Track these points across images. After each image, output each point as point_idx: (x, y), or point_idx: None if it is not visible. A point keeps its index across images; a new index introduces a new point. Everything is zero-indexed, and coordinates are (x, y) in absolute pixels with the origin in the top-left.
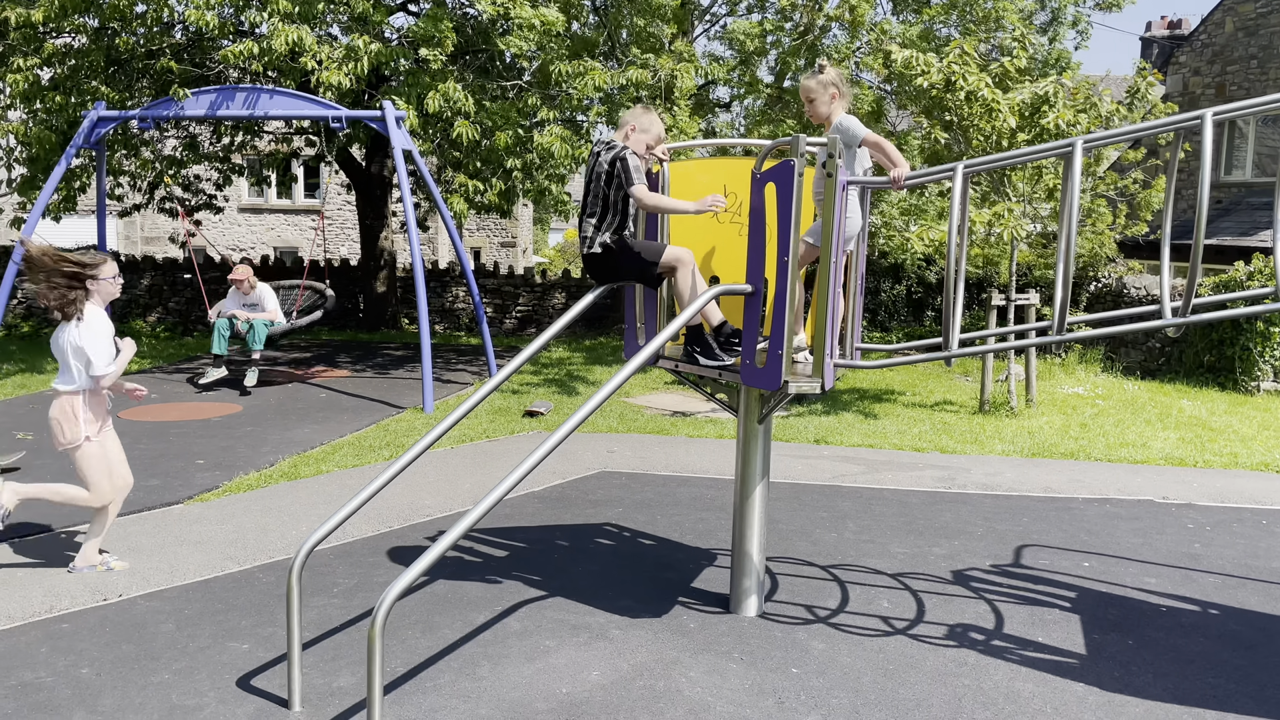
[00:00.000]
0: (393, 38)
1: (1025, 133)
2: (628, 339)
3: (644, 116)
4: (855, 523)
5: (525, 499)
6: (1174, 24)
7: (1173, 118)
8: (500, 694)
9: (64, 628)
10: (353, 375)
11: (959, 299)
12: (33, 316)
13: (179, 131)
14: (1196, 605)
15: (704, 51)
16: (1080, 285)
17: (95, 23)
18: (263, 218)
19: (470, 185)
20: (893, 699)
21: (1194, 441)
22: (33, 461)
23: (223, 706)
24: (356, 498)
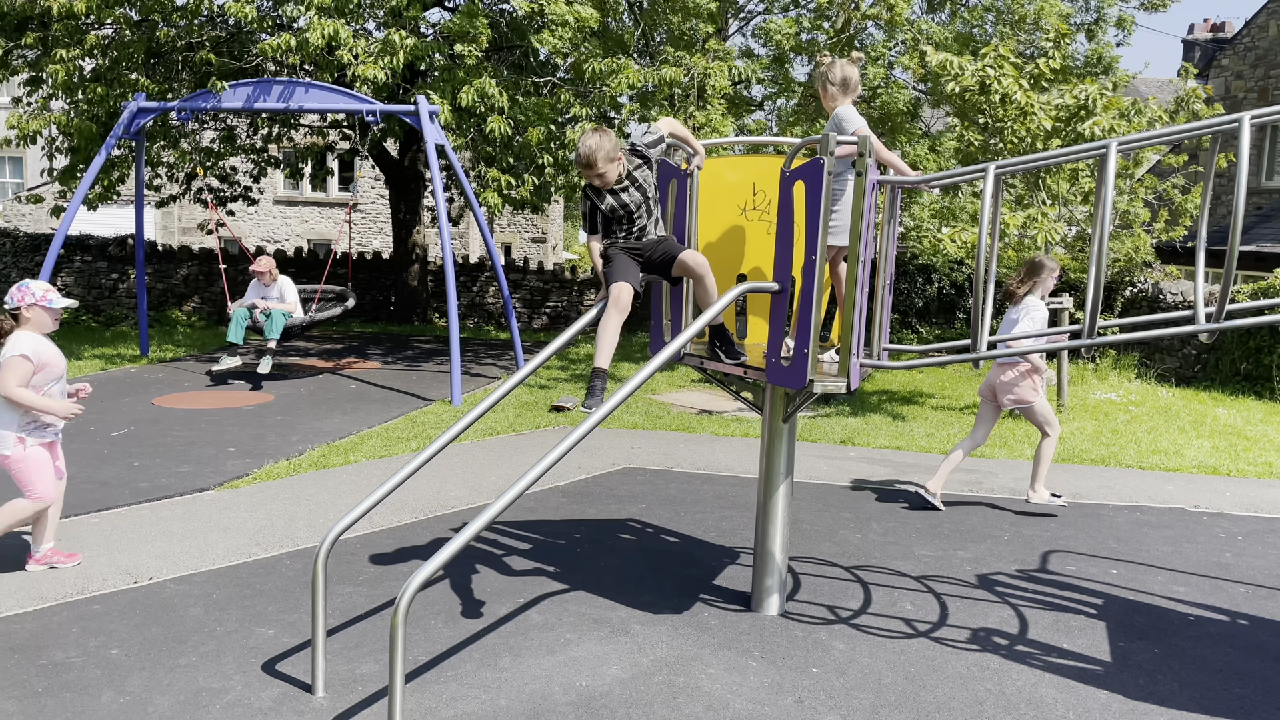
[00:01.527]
0: (428, 33)
1: (1062, 136)
2: (653, 336)
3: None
4: (880, 524)
5: (549, 493)
6: (1217, 26)
7: (1209, 120)
8: (520, 685)
9: (95, 609)
10: (382, 367)
11: (989, 300)
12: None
13: (216, 123)
14: (1226, 615)
15: (739, 48)
16: (1115, 290)
17: (136, 15)
18: (297, 210)
19: (503, 180)
20: (913, 701)
21: (1228, 450)
22: None
23: (248, 690)
24: (382, 488)
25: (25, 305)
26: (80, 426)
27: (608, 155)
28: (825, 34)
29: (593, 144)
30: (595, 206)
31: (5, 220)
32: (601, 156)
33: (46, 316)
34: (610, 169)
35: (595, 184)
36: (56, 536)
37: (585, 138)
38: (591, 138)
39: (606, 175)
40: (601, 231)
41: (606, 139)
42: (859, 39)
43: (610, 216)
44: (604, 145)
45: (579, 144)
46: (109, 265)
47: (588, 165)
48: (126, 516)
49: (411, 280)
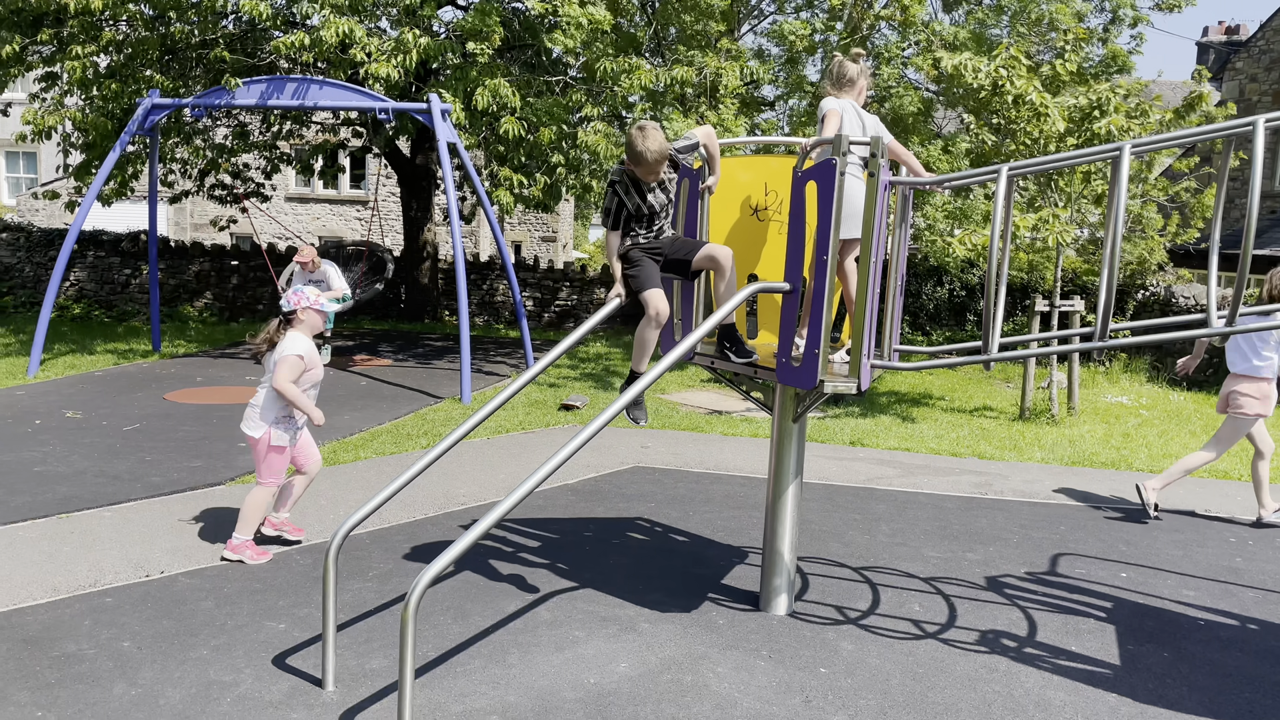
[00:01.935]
0: (441, 31)
1: (1075, 137)
2: (664, 335)
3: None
4: (889, 525)
5: (559, 491)
6: (1232, 29)
7: (1223, 124)
8: (529, 681)
9: (107, 601)
10: (393, 364)
11: (1000, 302)
12: (84, 299)
13: (229, 120)
14: (1236, 620)
15: (751, 48)
16: (1127, 293)
17: (151, 11)
18: (309, 207)
19: (514, 179)
20: (921, 702)
21: (1238, 454)
22: (78, 440)
23: (258, 683)
24: (393, 484)
25: (301, 308)
26: (93, 421)
27: (657, 157)
28: (838, 34)
29: (661, 140)
30: (623, 204)
31: (20, 215)
32: (664, 155)
33: (318, 319)
34: (659, 167)
35: (645, 180)
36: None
37: (653, 134)
38: (657, 135)
39: (651, 177)
40: (621, 229)
41: (658, 138)
42: (872, 39)
43: (635, 215)
44: (665, 144)
45: (646, 139)
46: (122, 261)
47: (655, 161)
48: (139, 510)
49: (422, 278)
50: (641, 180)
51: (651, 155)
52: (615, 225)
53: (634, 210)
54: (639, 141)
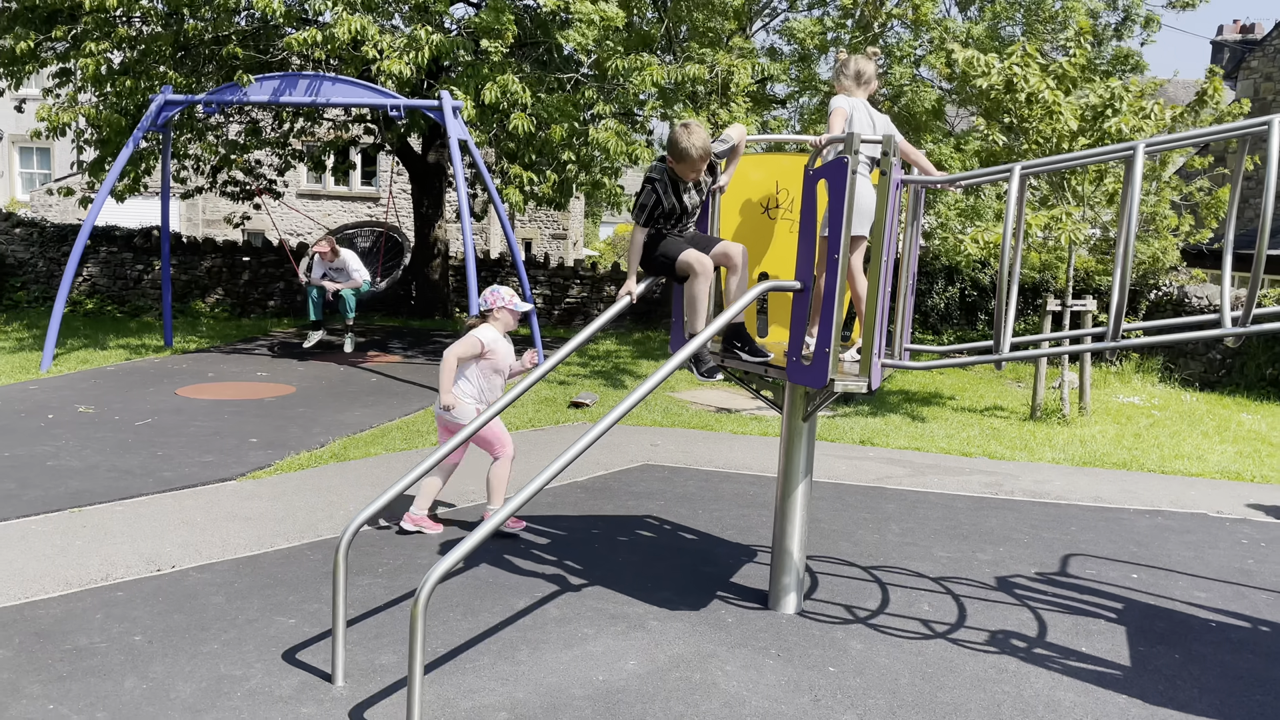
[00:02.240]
0: (452, 29)
1: (1087, 136)
2: (674, 333)
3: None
4: (899, 525)
5: (568, 488)
6: (1246, 28)
7: (1238, 123)
8: (538, 678)
9: (119, 595)
10: (404, 361)
11: (1012, 301)
12: (96, 294)
13: (241, 116)
14: (1247, 622)
15: (763, 46)
16: (1140, 293)
17: (165, 8)
18: (320, 203)
19: (525, 176)
20: (930, 702)
21: (1252, 456)
22: (101, 436)
23: (268, 678)
24: (403, 480)
25: (495, 307)
26: (105, 416)
27: (702, 155)
28: (850, 32)
29: (706, 139)
30: (659, 201)
31: (33, 211)
32: (696, 154)
33: (510, 318)
34: (701, 165)
35: (685, 179)
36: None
37: (697, 132)
38: (701, 133)
39: (693, 175)
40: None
41: (702, 135)
42: (884, 37)
43: (667, 213)
44: (709, 143)
45: (691, 136)
46: (134, 256)
47: (699, 158)
48: (150, 505)
49: (433, 275)
50: (680, 179)
51: (696, 151)
52: (646, 222)
53: (669, 209)
54: (684, 138)
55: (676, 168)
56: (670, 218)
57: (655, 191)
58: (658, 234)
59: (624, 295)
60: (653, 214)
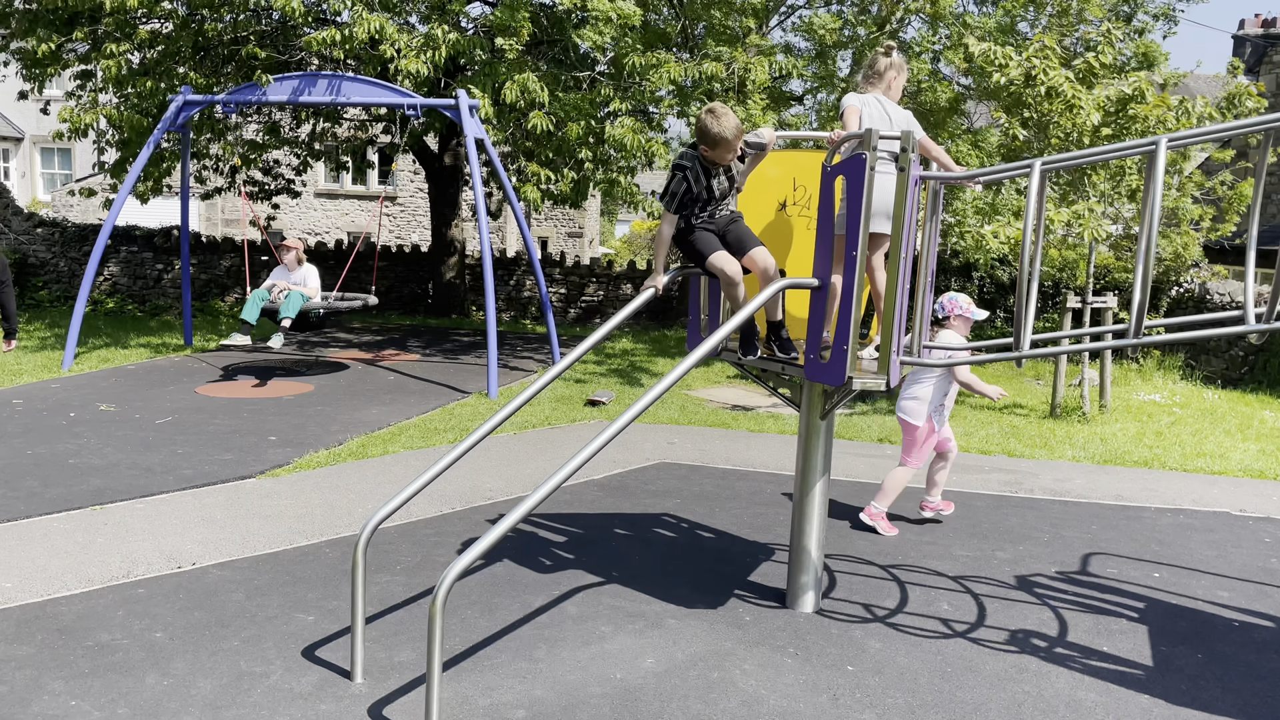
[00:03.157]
0: (469, 27)
1: (1110, 129)
2: (691, 331)
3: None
4: (917, 523)
5: (585, 486)
6: (1268, 22)
7: (1262, 118)
8: (556, 676)
9: (140, 593)
10: (421, 359)
11: (1032, 298)
12: (117, 293)
13: (260, 116)
14: (1271, 622)
15: (780, 42)
16: (1161, 289)
17: (185, 9)
18: (338, 203)
19: (542, 175)
20: (950, 701)
21: (1275, 454)
22: (122, 434)
23: (288, 675)
24: (420, 478)
25: (952, 315)
26: (126, 414)
27: (735, 136)
28: (867, 28)
29: (735, 121)
30: (690, 188)
31: (55, 211)
32: (731, 136)
33: (965, 325)
34: (736, 147)
35: (718, 164)
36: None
37: (724, 115)
38: (730, 116)
39: (729, 157)
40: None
41: (732, 118)
42: (902, 33)
43: (696, 198)
44: (731, 125)
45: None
46: (154, 256)
47: (734, 138)
48: (171, 502)
49: (450, 273)
50: (712, 165)
51: (730, 133)
52: (676, 209)
53: (697, 194)
54: (714, 124)
55: (711, 154)
56: (698, 202)
57: (686, 179)
58: (687, 223)
59: (648, 287)
60: (682, 201)
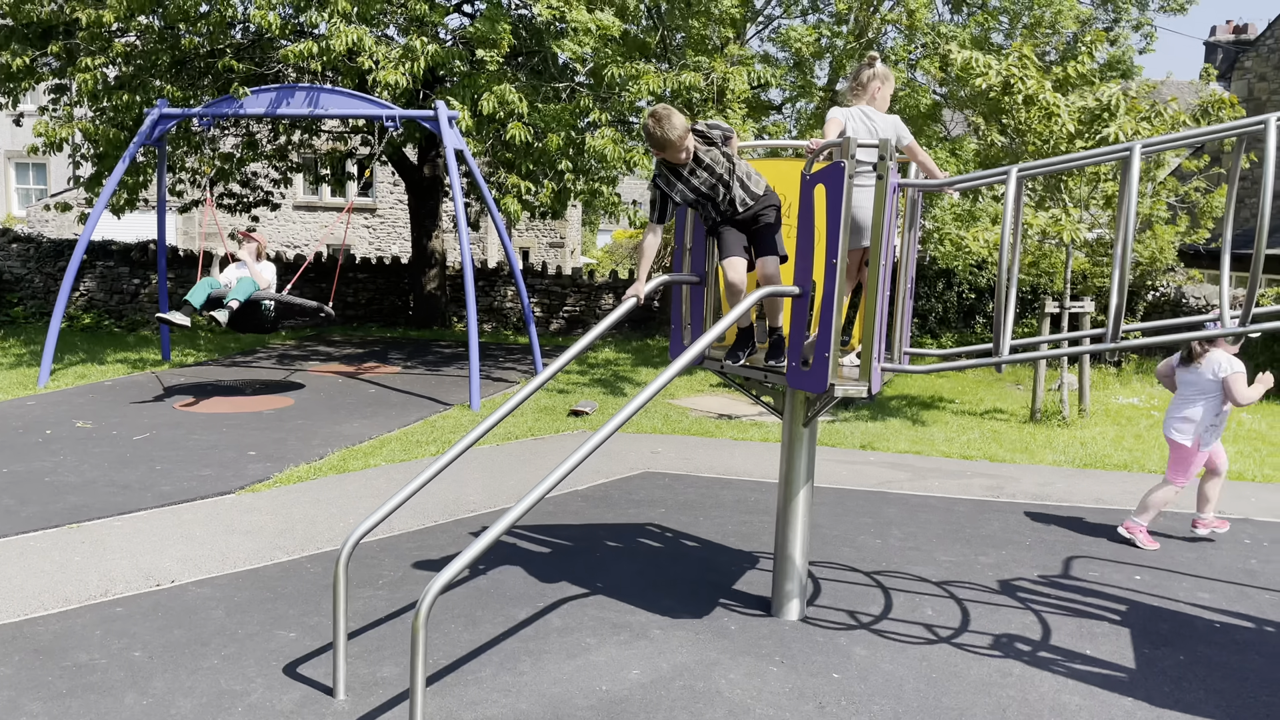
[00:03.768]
0: (447, 39)
1: (1085, 139)
2: (673, 340)
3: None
4: (900, 529)
5: (569, 497)
6: (1239, 28)
7: (1235, 122)
8: (541, 689)
9: (118, 611)
10: (402, 372)
11: (1011, 304)
12: (94, 309)
13: (238, 129)
14: (1252, 622)
15: (757, 52)
16: (1138, 294)
17: (161, 22)
18: (316, 215)
19: (522, 186)
20: (935, 707)
21: (1253, 456)
22: (89, 451)
23: (269, 692)
24: (402, 492)
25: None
26: (103, 430)
27: (681, 135)
28: (844, 39)
29: (678, 119)
30: (666, 195)
31: (29, 226)
32: (675, 136)
33: (1232, 343)
34: (686, 143)
35: (680, 164)
36: None
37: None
38: (670, 116)
39: (683, 155)
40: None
41: (674, 118)
42: (878, 43)
43: (688, 204)
44: (675, 125)
45: (660, 124)
46: (131, 270)
47: (662, 146)
48: (149, 519)
49: (430, 284)
50: (678, 167)
51: (674, 133)
52: (659, 219)
53: (683, 200)
54: (655, 129)
55: (665, 156)
56: (699, 205)
57: (658, 185)
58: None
59: (630, 297)
60: (663, 210)
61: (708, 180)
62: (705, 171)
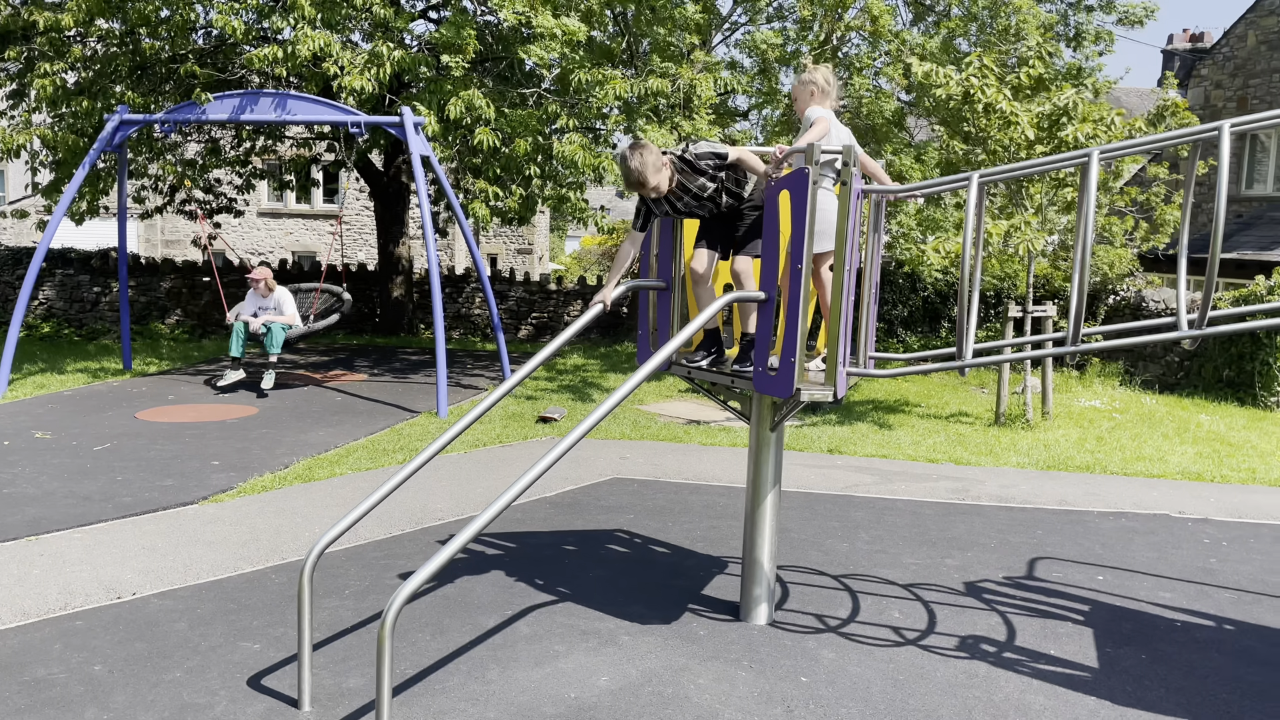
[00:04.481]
0: (413, 44)
1: (1044, 145)
2: (640, 346)
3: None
4: (868, 533)
5: (537, 504)
6: (1196, 36)
7: (1190, 129)
8: (509, 697)
9: (77, 625)
10: (369, 379)
11: (973, 308)
12: (53, 317)
13: (201, 135)
14: (1212, 621)
15: (724, 58)
16: (1098, 298)
17: (122, 27)
18: (281, 222)
19: (490, 191)
20: (902, 709)
21: (1212, 456)
22: (49, 460)
23: (233, 705)
24: (369, 500)
25: None
26: (63, 441)
27: (654, 168)
28: (810, 45)
29: (635, 165)
30: (651, 211)
31: None
32: (649, 174)
33: None
34: (660, 178)
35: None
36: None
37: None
38: (632, 159)
39: (660, 186)
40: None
41: (647, 154)
42: (843, 50)
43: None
44: (647, 161)
45: (628, 162)
46: (91, 278)
47: (639, 185)
48: (109, 531)
49: (397, 291)
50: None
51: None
52: (641, 228)
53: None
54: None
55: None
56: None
57: (645, 202)
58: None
59: (597, 303)
60: (646, 219)
61: (690, 204)
62: (690, 198)
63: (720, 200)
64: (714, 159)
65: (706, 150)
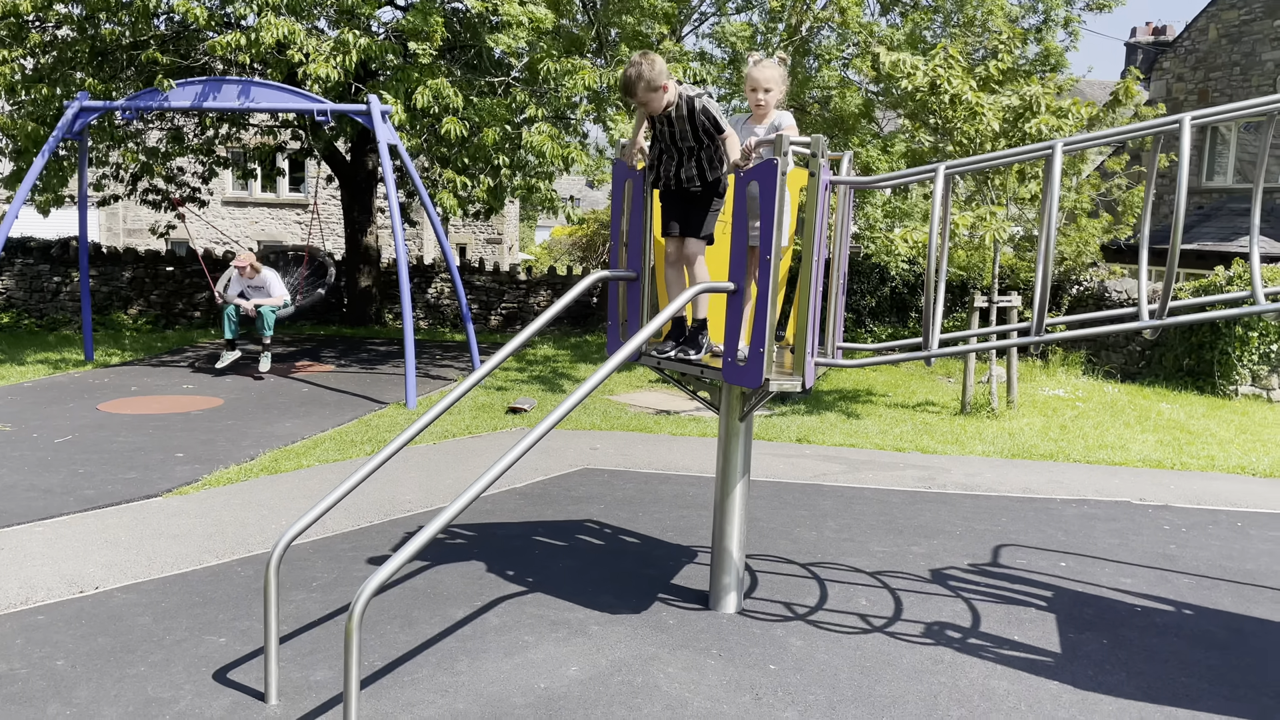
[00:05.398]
0: (380, 32)
1: (1008, 138)
2: (610, 336)
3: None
4: (835, 521)
5: (506, 495)
6: (1159, 30)
7: (1151, 121)
8: (478, 688)
9: (39, 619)
10: (336, 370)
11: (939, 299)
12: (12, 307)
13: (163, 123)
14: (1171, 605)
15: (694, 49)
16: (1062, 288)
17: (82, 11)
18: (246, 211)
19: (458, 181)
20: (869, 695)
21: (1172, 444)
22: (10, 452)
23: (199, 699)
24: (335, 492)
25: None
26: (23, 433)
27: (649, 85)
28: (780, 35)
29: (631, 74)
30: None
31: None
32: (642, 86)
33: None
34: (653, 98)
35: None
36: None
37: (630, 65)
38: (632, 67)
39: (651, 104)
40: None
41: (647, 69)
42: (812, 41)
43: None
44: (643, 75)
45: (626, 70)
46: (51, 268)
47: (628, 93)
48: (72, 525)
49: (364, 281)
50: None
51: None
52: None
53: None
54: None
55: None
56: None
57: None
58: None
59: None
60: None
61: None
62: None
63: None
64: (709, 122)
65: (711, 109)
